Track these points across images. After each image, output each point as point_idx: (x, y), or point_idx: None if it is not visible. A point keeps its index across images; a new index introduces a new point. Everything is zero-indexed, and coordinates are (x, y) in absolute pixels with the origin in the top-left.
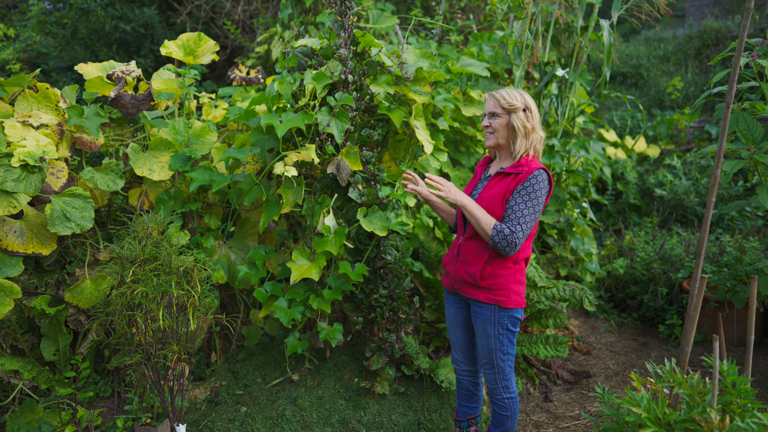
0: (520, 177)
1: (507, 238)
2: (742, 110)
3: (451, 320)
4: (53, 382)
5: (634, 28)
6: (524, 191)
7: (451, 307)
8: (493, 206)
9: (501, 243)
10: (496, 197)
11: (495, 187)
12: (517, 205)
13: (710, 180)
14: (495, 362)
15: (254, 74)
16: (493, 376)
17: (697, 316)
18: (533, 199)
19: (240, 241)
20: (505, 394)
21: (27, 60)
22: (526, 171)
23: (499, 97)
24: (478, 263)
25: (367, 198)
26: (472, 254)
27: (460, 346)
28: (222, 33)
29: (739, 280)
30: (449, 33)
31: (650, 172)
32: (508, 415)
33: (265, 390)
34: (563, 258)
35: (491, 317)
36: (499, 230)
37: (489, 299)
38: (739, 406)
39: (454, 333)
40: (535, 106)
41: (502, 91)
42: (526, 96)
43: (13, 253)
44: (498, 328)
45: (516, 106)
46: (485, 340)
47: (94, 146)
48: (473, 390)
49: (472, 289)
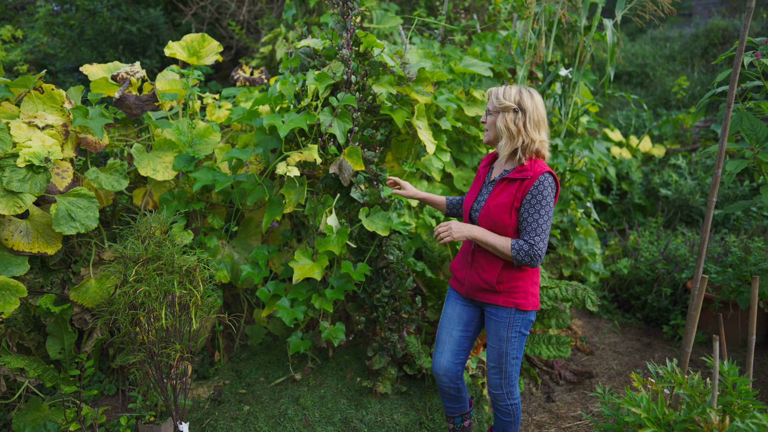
0: (526, 183)
1: (529, 253)
2: (746, 110)
3: (452, 319)
4: (58, 380)
5: (640, 27)
6: (534, 200)
7: (456, 306)
8: (501, 215)
9: (525, 259)
10: (504, 206)
11: (501, 195)
12: (530, 216)
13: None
14: (504, 366)
15: (258, 75)
16: (499, 381)
17: (697, 317)
18: (544, 206)
19: (243, 240)
20: (510, 401)
21: (34, 61)
22: (531, 176)
23: (494, 95)
24: (494, 270)
25: (369, 198)
26: (487, 261)
27: (450, 345)
28: (227, 34)
29: (743, 281)
30: (453, 33)
31: (655, 171)
32: (511, 421)
33: (267, 389)
34: (567, 258)
35: (507, 319)
36: (519, 248)
37: (508, 302)
38: (739, 406)
39: (449, 332)
40: (535, 107)
41: (500, 88)
42: (525, 95)
43: (18, 253)
44: (512, 330)
45: (506, 106)
46: (497, 344)
47: (99, 147)
48: (455, 393)
49: (489, 294)
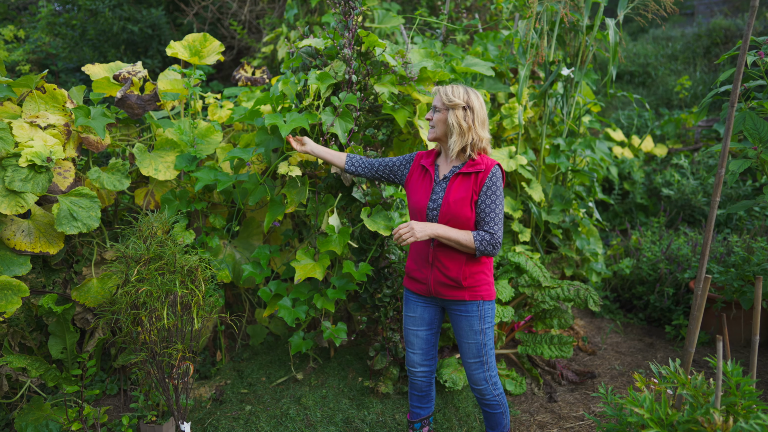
0: (481, 176)
1: (491, 242)
2: (749, 109)
3: (415, 320)
4: (60, 379)
5: (642, 27)
6: (490, 191)
7: (417, 308)
8: (462, 209)
9: (487, 248)
10: (464, 201)
11: (459, 190)
12: (488, 207)
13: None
14: (484, 358)
15: (259, 74)
16: (482, 374)
17: (700, 317)
18: (498, 196)
19: (245, 240)
20: (495, 392)
21: (36, 61)
22: (484, 169)
23: (443, 92)
24: (456, 266)
25: (371, 198)
26: (448, 258)
27: (420, 345)
28: (228, 33)
29: (746, 281)
30: (454, 32)
31: (657, 171)
32: (501, 411)
33: (269, 389)
34: (568, 258)
35: (477, 312)
36: (481, 239)
37: (474, 296)
38: (743, 407)
39: (416, 333)
40: (481, 105)
41: (448, 86)
42: (472, 95)
43: (21, 252)
44: (484, 322)
45: (456, 103)
46: (474, 337)
47: (101, 146)
48: (427, 390)
49: (454, 291)
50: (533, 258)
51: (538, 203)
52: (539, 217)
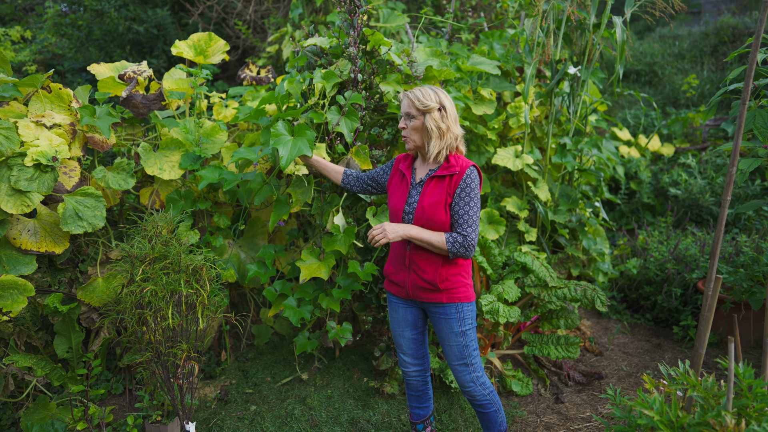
0: (455, 178)
1: (463, 244)
2: (759, 107)
3: (399, 322)
4: (66, 379)
5: (649, 26)
6: (464, 194)
7: (399, 310)
8: (436, 212)
9: (460, 251)
10: (439, 204)
11: (433, 193)
12: (461, 209)
13: (726, 179)
14: (468, 359)
15: (264, 74)
16: (468, 375)
17: (711, 318)
18: (473, 198)
19: (250, 240)
20: (485, 391)
21: (43, 61)
22: (459, 171)
23: (413, 97)
24: (433, 269)
25: (376, 197)
26: (424, 261)
27: (408, 346)
28: (234, 33)
29: (755, 281)
30: (460, 31)
31: (664, 171)
32: (494, 410)
33: (274, 389)
34: (575, 258)
35: (456, 314)
36: (454, 241)
37: (452, 299)
38: (755, 409)
39: (402, 334)
40: (451, 103)
41: (416, 90)
42: (441, 94)
43: (26, 252)
44: (464, 324)
45: (430, 107)
46: (455, 339)
47: (106, 146)
48: (423, 389)
49: (431, 293)
50: (539, 258)
51: (544, 203)
52: (545, 216)
